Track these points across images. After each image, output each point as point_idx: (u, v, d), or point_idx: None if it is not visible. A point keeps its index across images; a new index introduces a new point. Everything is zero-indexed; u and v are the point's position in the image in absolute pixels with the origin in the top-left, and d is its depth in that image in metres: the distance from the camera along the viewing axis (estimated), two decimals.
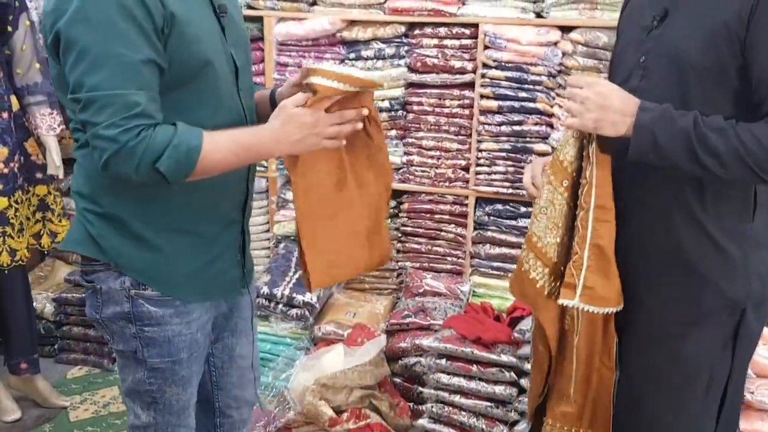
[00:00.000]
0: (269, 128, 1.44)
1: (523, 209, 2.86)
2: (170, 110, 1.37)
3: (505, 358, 2.40)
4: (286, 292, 2.83)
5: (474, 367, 2.44)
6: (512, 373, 2.39)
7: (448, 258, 3.04)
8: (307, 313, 2.84)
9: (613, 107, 1.34)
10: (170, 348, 1.54)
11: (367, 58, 2.89)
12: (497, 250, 2.93)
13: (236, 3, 1.61)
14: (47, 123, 2.56)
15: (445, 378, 2.48)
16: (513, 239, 2.89)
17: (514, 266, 2.85)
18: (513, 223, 2.88)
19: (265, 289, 2.85)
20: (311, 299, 2.83)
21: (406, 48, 2.86)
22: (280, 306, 2.85)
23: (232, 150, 1.40)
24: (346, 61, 2.92)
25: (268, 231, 3.24)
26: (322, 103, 1.43)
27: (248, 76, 1.60)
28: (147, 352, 1.53)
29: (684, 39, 1.36)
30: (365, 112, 1.50)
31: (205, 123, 1.41)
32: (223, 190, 1.53)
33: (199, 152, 1.34)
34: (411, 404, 2.70)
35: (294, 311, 2.83)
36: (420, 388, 2.66)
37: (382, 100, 2.90)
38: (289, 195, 3.06)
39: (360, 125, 1.50)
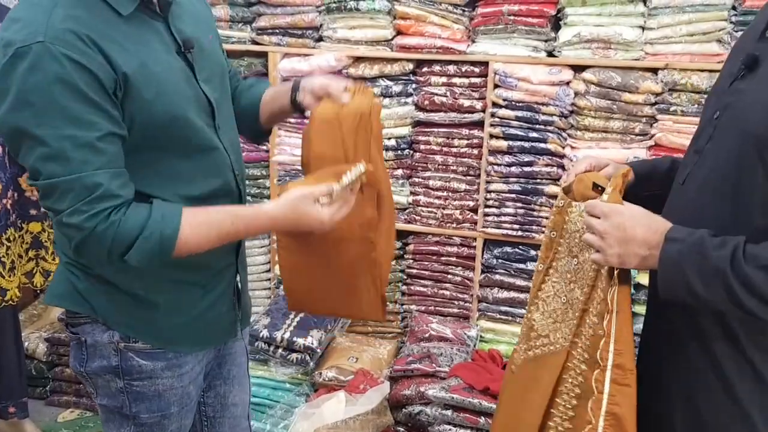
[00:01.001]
0: (270, 216, 1.36)
1: (532, 252, 2.76)
2: (143, 170, 1.29)
3: None
4: (287, 335, 2.73)
5: (482, 419, 2.34)
6: None
7: (455, 302, 2.94)
8: (307, 357, 2.73)
9: (636, 239, 1.18)
10: (160, 402, 1.46)
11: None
12: (505, 294, 2.83)
13: (207, 25, 1.50)
14: None
15: (451, 430, 2.37)
16: (522, 283, 2.79)
17: (523, 311, 2.82)
18: (522, 266, 2.79)
19: (265, 332, 2.75)
20: (312, 343, 2.73)
21: (413, 86, 2.80)
22: (280, 350, 2.75)
23: (217, 235, 1.32)
24: None
25: (268, 271, 3.14)
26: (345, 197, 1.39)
27: (226, 107, 1.50)
28: (135, 407, 1.45)
29: (757, 103, 1.13)
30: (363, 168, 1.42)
31: (183, 176, 1.34)
32: None
33: (174, 241, 1.26)
34: None
35: (294, 356, 2.73)
36: None
37: (389, 138, 2.83)
38: None
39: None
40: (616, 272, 1.26)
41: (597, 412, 1.27)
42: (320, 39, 2.88)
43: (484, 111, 2.72)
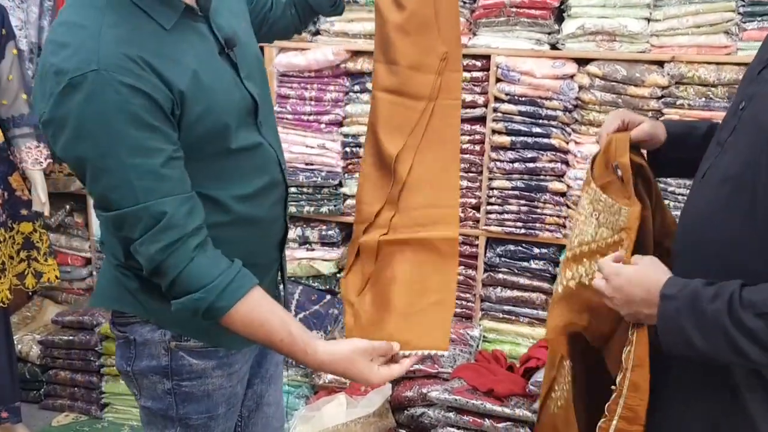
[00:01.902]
0: (319, 361, 1.29)
1: (536, 250, 2.70)
2: (194, 176, 1.25)
3: (519, 412, 2.24)
4: None
5: (486, 422, 2.28)
6: (527, 429, 2.23)
7: (457, 301, 2.88)
8: None
9: (636, 300, 1.17)
10: (208, 403, 1.43)
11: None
12: (509, 293, 2.77)
13: (241, 11, 1.46)
14: (33, 156, 2.43)
15: None
16: (525, 281, 2.73)
17: (527, 310, 2.76)
18: (526, 264, 2.73)
19: None
20: None
21: None
22: None
23: (262, 338, 1.27)
24: (350, 93, 2.79)
25: None
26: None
27: (267, 100, 1.46)
28: (183, 408, 1.42)
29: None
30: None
31: (232, 178, 1.31)
32: (265, 230, 1.43)
33: (219, 317, 1.24)
34: None
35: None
36: None
37: None
38: (289, 234, 2.91)
39: None
40: (634, 330, 1.22)
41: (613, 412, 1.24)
42: (317, 33, 2.82)
43: (486, 106, 2.66)
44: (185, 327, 1.37)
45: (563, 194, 2.63)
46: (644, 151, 1.43)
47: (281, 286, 1.58)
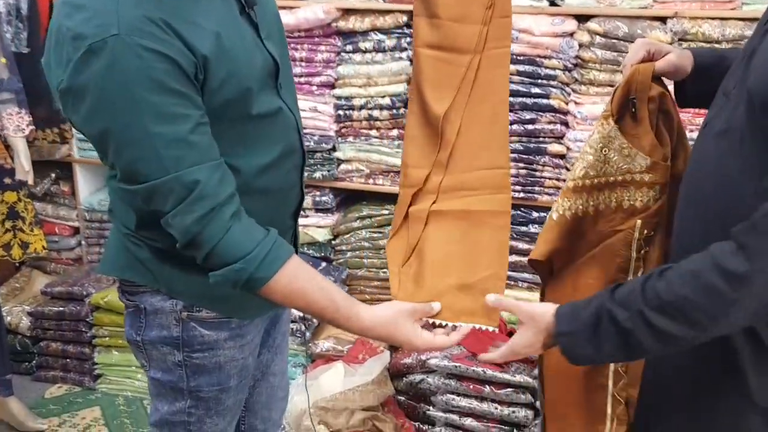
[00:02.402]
0: (363, 327, 1.28)
1: (535, 214, 2.65)
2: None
3: (520, 378, 2.21)
4: None
5: (486, 388, 2.25)
6: (528, 395, 2.21)
7: None
8: (303, 327, 2.64)
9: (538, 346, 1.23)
10: (220, 375, 1.40)
11: (365, 51, 2.67)
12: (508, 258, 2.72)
13: None
14: (15, 123, 2.34)
15: (454, 399, 2.29)
16: (524, 246, 2.68)
17: (526, 275, 2.73)
18: (525, 229, 2.67)
19: None
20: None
21: (408, 39, 2.64)
22: None
23: (304, 307, 1.26)
24: (342, 53, 2.70)
25: None
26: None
27: (286, 62, 1.40)
28: (194, 380, 1.38)
29: (761, 64, 1.04)
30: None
31: (251, 146, 1.26)
32: (281, 199, 1.38)
33: (260, 287, 1.21)
34: (417, 424, 2.52)
35: (290, 326, 2.62)
36: (426, 407, 2.47)
37: (383, 96, 2.68)
38: None
39: None
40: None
41: None
42: None
43: None
44: (199, 297, 1.33)
45: (563, 156, 2.57)
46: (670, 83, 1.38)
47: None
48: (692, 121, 2.37)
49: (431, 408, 2.42)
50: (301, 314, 2.61)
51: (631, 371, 1.37)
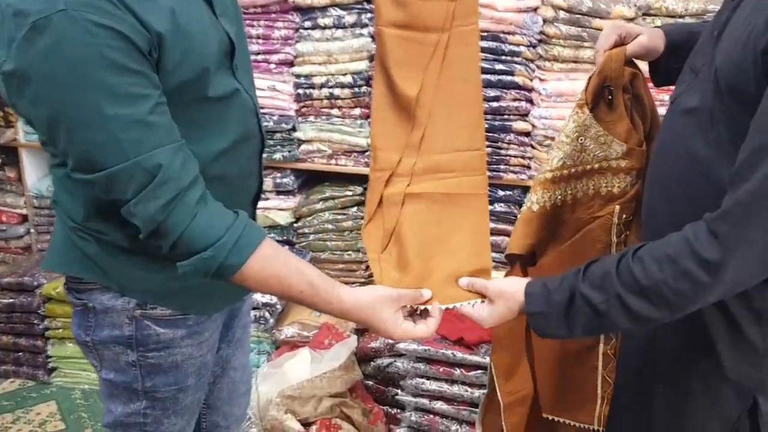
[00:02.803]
0: (343, 309, 1.20)
1: (501, 193, 2.62)
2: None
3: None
4: None
5: (457, 371, 2.23)
6: None
7: None
8: (267, 314, 2.57)
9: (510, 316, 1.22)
10: (177, 374, 1.33)
11: (324, 27, 2.58)
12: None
13: None
14: None
15: (424, 383, 2.26)
16: (490, 225, 2.65)
17: (493, 254, 2.69)
18: (490, 208, 2.64)
19: None
20: (271, 298, 2.55)
21: (369, 15, 2.56)
22: None
23: (279, 292, 1.18)
24: (301, 30, 2.60)
25: None
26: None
27: (242, 40, 1.32)
28: (149, 380, 1.31)
29: (729, 45, 1.03)
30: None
31: (206, 131, 1.18)
32: (239, 186, 1.30)
33: (231, 275, 1.13)
34: (386, 408, 2.49)
35: (253, 313, 2.55)
36: (395, 391, 2.44)
37: (344, 74, 2.60)
38: None
39: None
40: None
41: None
42: None
43: None
44: (154, 293, 1.26)
45: (528, 134, 2.54)
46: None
47: None
48: (656, 97, 2.36)
49: (400, 392, 2.39)
50: (264, 300, 2.54)
51: (619, 354, 1.37)
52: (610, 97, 1.27)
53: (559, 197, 1.35)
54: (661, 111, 1.33)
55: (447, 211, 1.33)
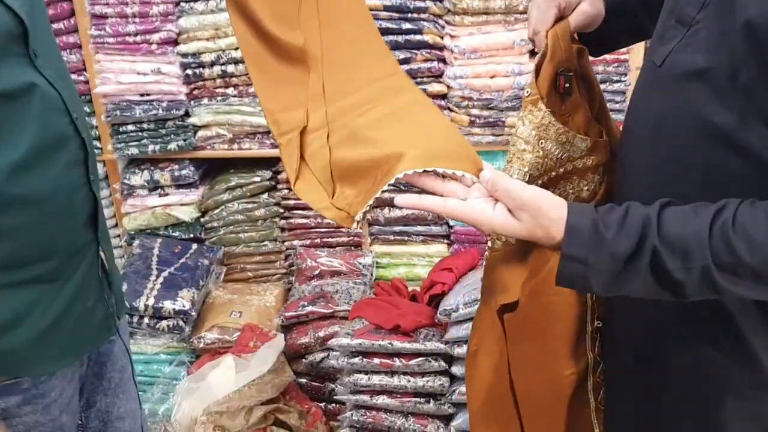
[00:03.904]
0: None
1: None
2: None
3: (431, 345, 2.03)
4: (151, 302, 2.29)
5: (396, 361, 2.06)
6: (441, 361, 2.03)
7: (342, 229, 2.59)
8: (181, 322, 2.33)
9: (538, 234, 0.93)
10: None
11: None
12: (397, 213, 2.51)
13: None
14: None
15: (362, 379, 2.09)
16: None
17: (418, 228, 2.53)
18: None
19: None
20: (184, 305, 2.31)
21: None
22: (146, 320, 2.32)
23: None
24: (182, 3, 2.32)
25: (116, 226, 2.63)
26: None
27: (43, 21, 1.08)
28: None
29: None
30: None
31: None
32: (58, 209, 1.08)
33: None
34: (323, 404, 2.32)
35: (164, 323, 2.31)
36: (333, 386, 2.27)
37: (235, 48, 2.34)
38: (135, 180, 2.48)
39: None
40: None
41: None
42: None
43: None
44: None
45: (444, 96, 2.36)
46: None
47: (105, 275, 1.24)
48: None
49: (338, 388, 2.21)
50: (176, 308, 2.29)
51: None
52: (567, 85, 1.05)
53: None
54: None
55: (398, 119, 1.11)
